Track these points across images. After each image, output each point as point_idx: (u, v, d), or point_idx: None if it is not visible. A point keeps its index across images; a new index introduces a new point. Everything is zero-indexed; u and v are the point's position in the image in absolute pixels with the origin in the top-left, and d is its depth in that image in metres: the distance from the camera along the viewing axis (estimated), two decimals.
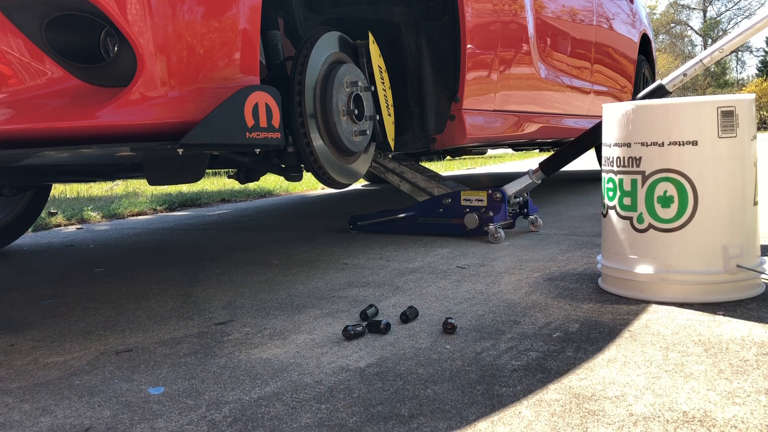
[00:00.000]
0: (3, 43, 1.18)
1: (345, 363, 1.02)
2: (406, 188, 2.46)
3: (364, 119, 1.89)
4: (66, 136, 1.22)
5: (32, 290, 1.68)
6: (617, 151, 1.36)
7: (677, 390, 0.86)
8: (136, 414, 0.87)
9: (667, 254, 1.29)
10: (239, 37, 1.37)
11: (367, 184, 5.05)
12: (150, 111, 1.22)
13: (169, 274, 1.80)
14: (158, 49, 1.21)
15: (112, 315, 1.39)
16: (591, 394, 0.86)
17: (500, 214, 2.13)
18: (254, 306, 1.40)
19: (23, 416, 0.88)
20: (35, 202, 2.44)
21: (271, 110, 1.42)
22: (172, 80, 1.24)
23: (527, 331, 1.14)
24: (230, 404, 0.88)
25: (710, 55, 1.56)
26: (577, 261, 1.73)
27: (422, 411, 0.83)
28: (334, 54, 1.83)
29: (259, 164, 1.81)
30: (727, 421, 0.76)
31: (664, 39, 34.84)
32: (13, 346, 1.20)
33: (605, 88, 3.75)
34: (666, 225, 1.29)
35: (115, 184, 5.48)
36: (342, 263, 1.83)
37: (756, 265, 1.30)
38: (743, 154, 1.27)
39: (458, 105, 2.22)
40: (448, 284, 1.52)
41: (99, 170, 1.93)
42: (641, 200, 1.31)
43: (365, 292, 1.48)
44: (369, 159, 2.05)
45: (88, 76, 1.23)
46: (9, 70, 1.20)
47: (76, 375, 1.03)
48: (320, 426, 0.80)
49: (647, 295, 1.31)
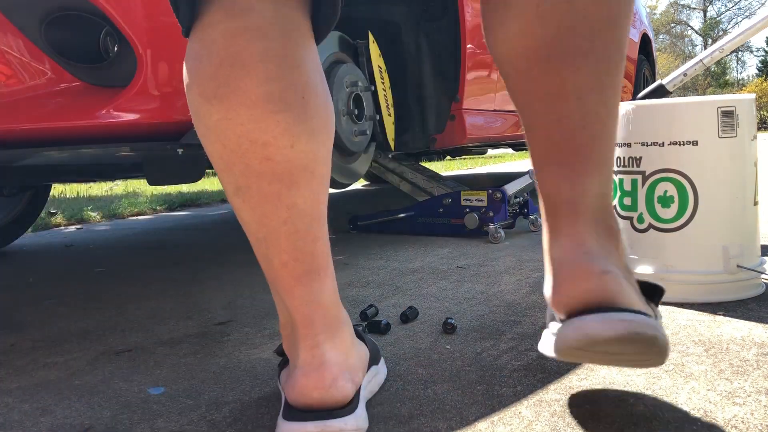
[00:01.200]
0: (3, 43, 1.18)
1: None
2: (406, 188, 2.45)
3: (364, 119, 1.89)
4: (66, 136, 1.22)
5: (32, 290, 1.68)
6: (618, 151, 1.36)
7: (677, 390, 0.86)
8: (136, 414, 0.87)
9: (667, 254, 1.29)
10: None
11: (367, 184, 5.05)
12: (150, 111, 1.22)
13: (169, 274, 1.80)
14: (158, 48, 1.21)
15: (112, 315, 1.39)
16: (591, 394, 0.86)
17: (500, 214, 2.13)
18: (254, 306, 1.40)
19: (23, 416, 0.88)
20: (35, 202, 2.44)
21: None
22: (171, 80, 1.24)
23: (527, 331, 1.13)
24: (230, 404, 0.88)
25: (710, 55, 1.56)
26: None
27: (422, 411, 0.83)
28: (334, 54, 1.83)
29: None
30: (727, 421, 0.76)
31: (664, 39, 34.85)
32: (13, 346, 1.20)
33: None
34: (666, 225, 1.29)
35: (115, 184, 5.48)
36: (342, 263, 1.83)
37: (756, 265, 1.30)
38: (743, 154, 1.27)
39: (458, 105, 2.22)
40: (448, 284, 1.52)
41: (99, 170, 1.93)
42: (641, 200, 1.31)
43: (365, 292, 1.48)
44: (369, 159, 2.05)
45: (88, 76, 1.23)
46: (8, 69, 1.20)
47: (76, 375, 1.03)
48: None
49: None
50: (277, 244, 0.74)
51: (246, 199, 0.74)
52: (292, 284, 0.76)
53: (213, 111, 0.71)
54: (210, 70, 0.71)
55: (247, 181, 0.73)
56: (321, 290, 0.77)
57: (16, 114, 1.20)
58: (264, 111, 0.71)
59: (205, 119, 0.73)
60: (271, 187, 0.73)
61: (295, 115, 0.72)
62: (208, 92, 0.71)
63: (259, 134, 0.71)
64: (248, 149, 0.71)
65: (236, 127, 0.71)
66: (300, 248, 0.75)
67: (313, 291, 0.76)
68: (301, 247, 0.75)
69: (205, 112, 0.72)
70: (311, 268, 0.76)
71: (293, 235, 0.74)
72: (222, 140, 0.72)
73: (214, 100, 0.71)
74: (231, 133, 0.71)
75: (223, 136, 0.72)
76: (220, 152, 0.73)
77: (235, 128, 0.71)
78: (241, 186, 0.73)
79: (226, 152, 0.73)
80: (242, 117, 0.70)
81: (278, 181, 0.73)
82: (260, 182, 0.72)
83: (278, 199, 0.73)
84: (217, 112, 0.71)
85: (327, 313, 0.77)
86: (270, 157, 0.72)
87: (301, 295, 0.76)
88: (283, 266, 0.75)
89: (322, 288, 0.77)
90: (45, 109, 1.20)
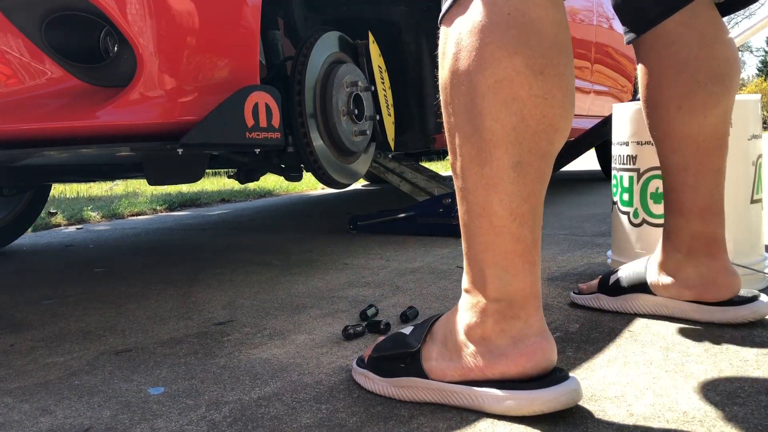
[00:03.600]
0: (3, 43, 1.18)
1: (345, 363, 1.02)
2: (406, 188, 2.45)
3: (364, 119, 1.89)
4: (66, 136, 1.22)
5: (32, 290, 1.68)
6: (619, 149, 1.41)
7: (677, 390, 0.86)
8: (136, 414, 0.87)
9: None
10: (239, 37, 1.37)
11: (367, 184, 5.05)
12: (150, 111, 1.22)
13: (169, 274, 1.80)
14: (158, 48, 1.21)
15: (112, 315, 1.39)
16: (591, 394, 0.86)
17: None
18: (254, 306, 1.40)
19: (23, 416, 0.88)
20: (35, 202, 2.44)
21: (271, 110, 1.42)
22: (171, 80, 1.24)
23: None
24: (230, 404, 0.88)
25: None
26: (577, 261, 1.73)
27: (422, 411, 0.83)
28: (334, 54, 1.83)
29: (259, 164, 1.81)
30: (727, 421, 0.76)
31: None
32: (13, 346, 1.20)
33: (605, 87, 3.75)
34: (658, 220, 1.32)
35: (114, 184, 5.48)
36: (342, 263, 1.83)
37: (756, 261, 1.30)
38: (737, 153, 1.27)
39: None
40: (448, 284, 1.52)
41: (99, 170, 1.93)
42: (636, 197, 1.36)
43: (365, 292, 1.48)
44: (369, 159, 2.05)
45: (88, 76, 1.23)
46: (9, 69, 1.20)
47: (76, 375, 1.03)
48: (320, 426, 0.80)
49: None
50: (535, 221, 0.80)
51: (522, 174, 0.78)
52: (536, 259, 0.81)
53: (534, 85, 0.75)
54: (542, 48, 0.75)
55: (530, 158, 0.77)
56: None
57: (16, 114, 1.19)
58: (572, 103, 0.78)
59: (519, 89, 0.75)
60: (548, 169, 0.79)
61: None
62: (536, 66, 0.75)
63: (558, 121, 0.77)
64: (544, 130, 0.76)
65: (546, 109, 0.76)
66: (540, 226, 0.81)
67: (540, 266, 0.83)
68: (541, 225, 0.82)
69: (522, 83, 0.75)
70: (539, 246, 0.82)
71: (541, 214, 0.81)
72: (525, 114, 0.76)
73: (540, 76, 0.75)
74: (538, 111, 0.75)
75: (528, 112, 0.75)
76: (515, 124, 0.76)
77: (545, 109, 0.76)
78: (522, 162, 0.77)
79: (523, 126, 0.76)
80: (556, 101, 0.76)
81: (550, 165, 0.80)
82: (541, 162, 0.78)
83: (546, 180, 0.80)
84: (537, 88, 0.75)
85: None
86: (554, 142, 0.78)
87: (536, 271, 0.81)
88: (534, 243, 0.80)
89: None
90: (45, 109, 1.20)
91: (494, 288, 0.81)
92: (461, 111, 0.79)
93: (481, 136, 0.77)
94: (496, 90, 0.76)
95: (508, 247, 0.79)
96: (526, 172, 0.77)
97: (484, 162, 0.78)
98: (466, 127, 0.78)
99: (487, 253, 0.80)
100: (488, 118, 0.76)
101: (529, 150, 0.77)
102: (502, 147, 0.77)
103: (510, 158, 0.77)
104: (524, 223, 0.79)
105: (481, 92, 0.76)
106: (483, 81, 0.76)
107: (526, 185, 0.78)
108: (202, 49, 1.29)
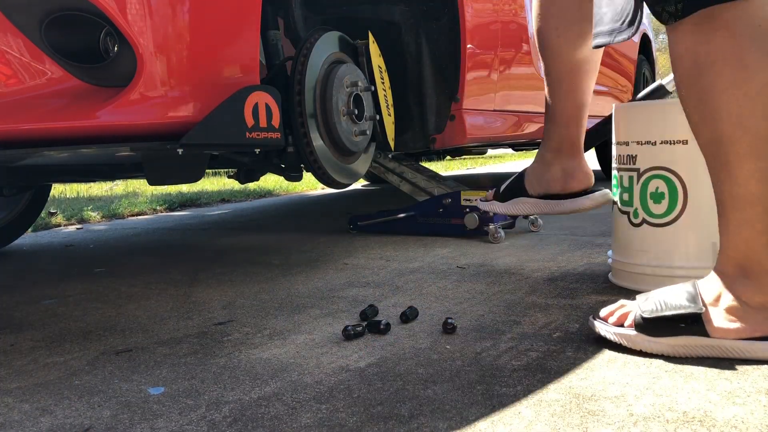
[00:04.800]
0: (3, 43, 1.18)
1: (345, 363, 1.02)
2: (406, 188, 2.45)
3: (364, 119, 1.89)
4: (66, 136, 1.22)
5: (32, 290, 1.68)
6: (619, 149, 1.42)
7: (677, 390, 0.86)
8: (136, 414, 0.87)
9: (659, 248, 1.33)
10: (239, 37, 1.38)
11: (367, 184, 5.05)
12: (150, 111, 1.22)
13: (169, 274, 1.80)
14: (158, 48, 1.21)
15: (112, 315, 1.39)
16: (591, 394, 0.86)
17: (500, 214, 2.12)
18: (254, 306, 1.40)
19: (23, 416, 0.88)
20: (35, 202, 2.44)
21: (271, 110, 1.42)
22: (172, 80, 1.24)
23: (527, 331, 1.14)
24: (230, 404, 0.88)
25: None
26: (577, 261, 1.73)
27: (422, 411, 0.83)
28: (334, 54, 1.83)
29: (259, 164, 1.81)
30: (727, 421, 0.76)
31: (664, 39, 34.79)
32: (13, 346, 1.20)
33: (605, 87, 3.75)
34: (657, 220, 1.33)
35: (114, 184, 5.48)
36: (342, 263, 1.83)
37: None
38: None
39: (458, 105, 2.22)
40: (448, 284, 1.52)
41: (99, 170, 1.93)
42: (636, 196, 1.36)
43: (365, 292, 1.48)
44: (369, 159, 2.05)
45: (88, 76, 1.23)
46: (8, 69, 1.20)
47: (76, 375, 1.03)
48: (320, 426, 0.80)
49: (641, 286, 1.32)
50: None
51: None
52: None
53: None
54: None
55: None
56: None
57: (16, 114, 1.19)
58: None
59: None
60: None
61: None
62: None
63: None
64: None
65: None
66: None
67: None
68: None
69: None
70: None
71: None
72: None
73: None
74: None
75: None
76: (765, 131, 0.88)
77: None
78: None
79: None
80: None
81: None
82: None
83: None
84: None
85: None
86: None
87: None
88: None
89: None
90: (45, 109, 1.20)
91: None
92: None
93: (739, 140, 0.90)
94: (734, 81, 0.89)
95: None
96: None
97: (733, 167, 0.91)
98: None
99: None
100: (717, 113, 0.91)
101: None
102: (747, 155, 0.90)
103: (756, 167, 0.90)
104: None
105: (730, 82, 0.89)
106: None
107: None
108: (202, 49, 1.29)
